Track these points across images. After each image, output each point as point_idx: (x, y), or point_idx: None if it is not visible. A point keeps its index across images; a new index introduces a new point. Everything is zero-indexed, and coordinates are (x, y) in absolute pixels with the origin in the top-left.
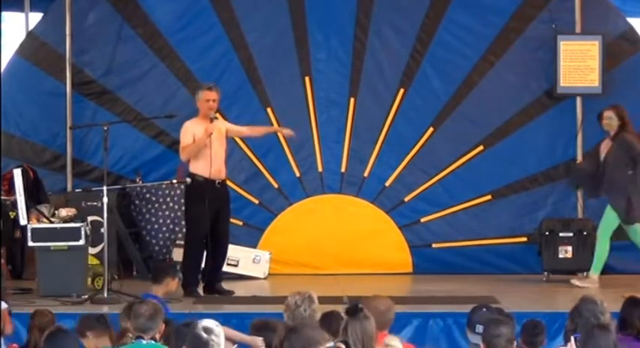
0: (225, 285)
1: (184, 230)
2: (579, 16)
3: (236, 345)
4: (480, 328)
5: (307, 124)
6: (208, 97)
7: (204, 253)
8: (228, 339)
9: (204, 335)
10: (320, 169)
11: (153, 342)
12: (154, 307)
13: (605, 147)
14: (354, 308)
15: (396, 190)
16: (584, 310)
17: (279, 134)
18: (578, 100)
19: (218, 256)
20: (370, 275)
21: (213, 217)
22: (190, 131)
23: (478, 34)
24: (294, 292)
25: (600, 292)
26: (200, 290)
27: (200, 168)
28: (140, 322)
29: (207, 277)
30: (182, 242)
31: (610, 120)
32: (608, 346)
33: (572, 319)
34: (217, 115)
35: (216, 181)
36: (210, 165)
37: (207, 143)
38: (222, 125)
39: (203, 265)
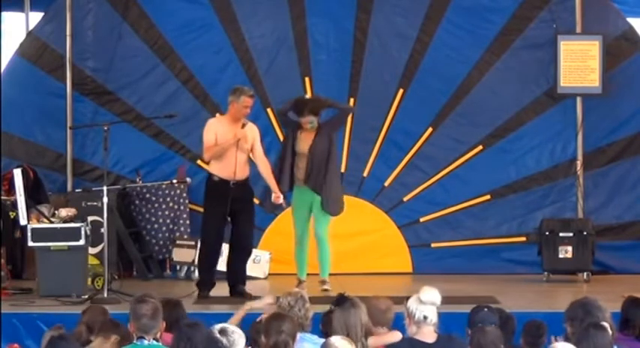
0: (226, 285)
1: (182, 229)
2: (579, 16)
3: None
4: None
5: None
6: (247, 104)
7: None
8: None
9: (220, 336)
10: None
11: (155, 342)
12: (155, 306)
13: (305, 142)
14: (340, 299)
15: (396, 189)
16: (582, 311)
17: (277, 133)
18: (578, 100)
19: (238, 257)
20: (370, 275)
21: (232, 218)
22: (213, 130)
23: (478, 35)
24: (284, 294)
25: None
26: (210, 292)
27: (217, 168)
28: (143, 323)
29: (229, 279)
30: (182, 242)
31: (312, 123)
32: (605, 345)
33: (572, 320)
34: (249, 122)
35: (231, 182)
36: (227, 167)
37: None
38: (251, 133)
39: (226, 266)
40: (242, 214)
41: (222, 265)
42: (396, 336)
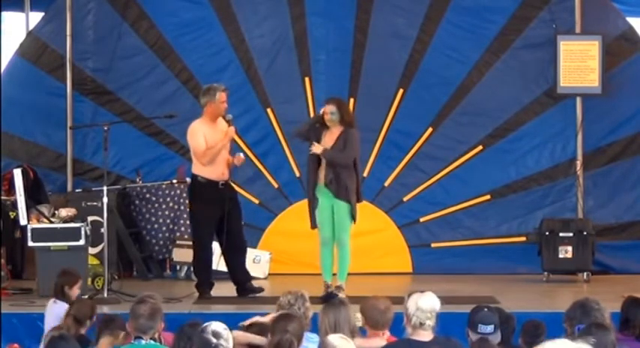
0: (226, 285)
1: (182, 229)
2: (579, 16)
3: None
4: (482, 328)
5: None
6: (224, 99)
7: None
8: (240, 344)
9: (214, 340)
10: None
11: (152, 342)
12: (153, 307)
13: (328, 142)
14: (328, 296)
15: (395, 189)
16: (581, 312)
17: (277, 134)
18: (578, 100)
19: (237, 256)
20: (370, 275)
21: (222, 219)
22: (200, 133)
23: (478, 35)
24: (285, 292)
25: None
26: (211, 291)
27: (206, 170)
28: (140, 323)
29: (233, 279)
30: (182, 242)
31: (333, 114)
32: (607, 344)
33: (571, 320)
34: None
35: (220, 183)
36: (217, 168)
37: (212, 147)
38: (227, 129)
39: (227, 268)
40: (233, 214)
41: (215, 265)
42: (380, 342)
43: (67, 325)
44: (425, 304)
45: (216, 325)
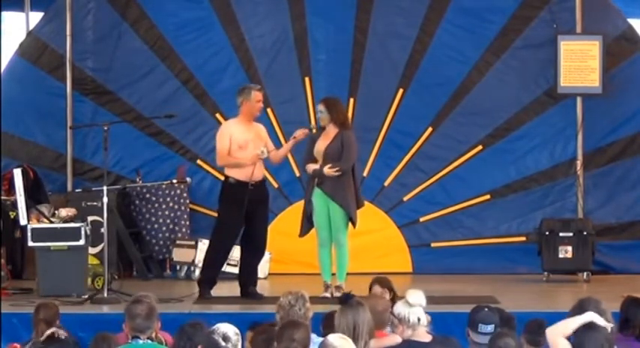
0: (226, 284)
1: (183, 229)
2: (580, 16)
3: None
4: (483, 328)
5: (307, 125)
6: (260, 98)
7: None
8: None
9: (222, 343)
10: None
11: (149, 341)
12: (149, 306)
13: (323, 142)
14: (346, 297)
15: (395, 189)
16: (581, 312)
17: (278, 134)
18: (579, 100)
19: (251, 257)
20: (370, 275)
21: (247, 219)
22: (227, 133)
23: (478, 35)
24: (285, 292)
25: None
26: (211, 291)
27: (234, 170)
28: (137, 323)
29: (241, 280)
30: (182, 242)
31: (322, 113)
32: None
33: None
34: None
35: (249, 184)
36: (245, 169)
37: (242, 146)
38: (262, 130)
39: (238, 267)
40: (257, 215)
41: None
42: (395, 339)
43: (41, 331)
44: (414, 299)
45: (227, 328)
